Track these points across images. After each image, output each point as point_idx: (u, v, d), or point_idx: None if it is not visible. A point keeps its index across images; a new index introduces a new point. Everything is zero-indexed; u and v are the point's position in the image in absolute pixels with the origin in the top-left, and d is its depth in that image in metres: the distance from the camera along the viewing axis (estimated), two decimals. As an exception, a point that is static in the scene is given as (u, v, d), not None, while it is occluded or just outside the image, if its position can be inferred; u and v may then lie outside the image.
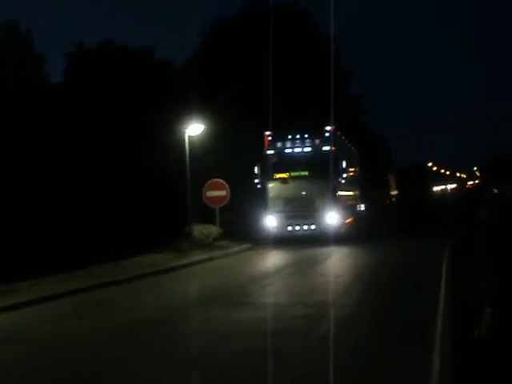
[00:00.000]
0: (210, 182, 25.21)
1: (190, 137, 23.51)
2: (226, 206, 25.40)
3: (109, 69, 33.02)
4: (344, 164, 24.79)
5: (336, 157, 24.29)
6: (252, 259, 21.54)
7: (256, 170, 25.26)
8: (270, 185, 25.04)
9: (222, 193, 24.94)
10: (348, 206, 27.20)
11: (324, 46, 37.28)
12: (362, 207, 31.30)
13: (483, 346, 7.65)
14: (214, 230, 24.38)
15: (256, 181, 25.30)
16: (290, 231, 24.66)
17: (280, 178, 24.92)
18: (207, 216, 25.24)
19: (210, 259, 21.02)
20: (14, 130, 25.34)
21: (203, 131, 24.24)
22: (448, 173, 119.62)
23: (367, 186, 32.75)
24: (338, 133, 26.86)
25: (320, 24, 43.43)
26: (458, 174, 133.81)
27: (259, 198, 25.61)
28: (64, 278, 16.43)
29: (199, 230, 23.75)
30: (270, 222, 24.85)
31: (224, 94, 32.42)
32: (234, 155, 28.97)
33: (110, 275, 16.91)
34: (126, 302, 14.05)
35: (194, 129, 23.68)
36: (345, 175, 25.02)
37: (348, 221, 26.26)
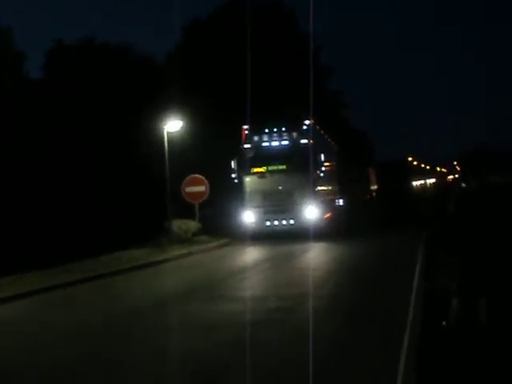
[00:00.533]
0: (189, 177, 25.26)
1: (169, 133, 23.66)
2: (205, 201, 25.52)
3: (89, 65, 32.95)
4: (322, 157, 24.36)
5: (314, 150, 23.71)
6: (230, 254, 21.62)
7: (233, 164, 24.59)
8: (247, 179, 24.48)
9: (201, 188, 25.02)
10: (327, 201, 26.81)
11: (305, 43, 37.54)
12: (341, 202, 31.01)
13: (449, 333, 7.90)
14: (192, 225, 24.50)
15: (233, 175, 24.66)
16: (269, 226, 24.11)
17: (257, 172, 24.45)
18: (187, 211, 25.33)
19: (189, 254, 21.13)
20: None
21: (183, 127, 24.46)
22: (428, 167, 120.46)
23: (346, 180, 32.75)
24: (317, 127, 26.44)
25: (306, 22, 43.64)
26: (438, 169, 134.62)
27: (236, 193, 24.98)
28: (43, 273, 16.55)
29: (178, 225, 23.86)
30: (248, 217, 24.29)
31: (204, 89, 32.53)
32: (214, 150, 29.03)
33: (89, 270, 17.05)
34: (104, 296, 14.17)
35: (173, 125, 23.83)
36: (323, 169, 24.62)
37: (327, 215, 25.88)
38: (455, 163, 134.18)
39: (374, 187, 60.01)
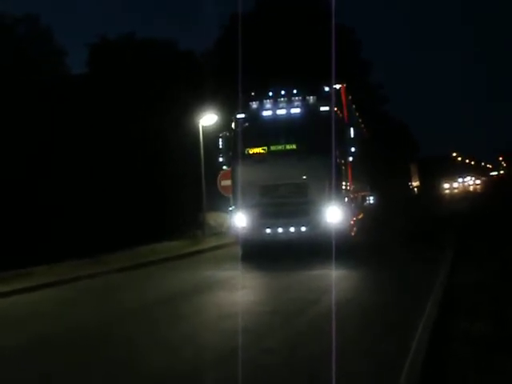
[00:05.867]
0: (224, 171, 25.34)
1: (203, 127, 23.99)
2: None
3: (131, 61, 33.80)
4: (352, 133, 16.57)
5: (340, 122, 16.45)
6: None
7: (220, 143, 17.48)
8: (239, 164, 17.06)
9: (236, 182, 24.94)
10: (356, 198, 19.70)
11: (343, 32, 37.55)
12: (371, 200, 24.68)
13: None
14: (227, 218, 24.86)
15: (220, 159, 17.72)
16: (270, 234, 16.63)
17: (253, 155, 17.02)
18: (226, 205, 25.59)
19: (222, 246, 21.44)
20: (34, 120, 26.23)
21: (217, 121, 24.61)
22: (473, 163, 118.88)
23: (380, 174, 29.21)
24: (350, 97, 19.29)
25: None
26: (482, 164, 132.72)
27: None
28: (84, 263, 17.38)
29: (213, 218, 24.35)
30: (240, 220, 16.96)
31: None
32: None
33: (126, 261, 17.86)
34: (138, 285, 14.82)
35: (208, 119, 24.03)
36: (353, 150, 16.78)
37: (354, 219, 18.35)
38: (500, 158, 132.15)
39: (416, 183, 58.51)
